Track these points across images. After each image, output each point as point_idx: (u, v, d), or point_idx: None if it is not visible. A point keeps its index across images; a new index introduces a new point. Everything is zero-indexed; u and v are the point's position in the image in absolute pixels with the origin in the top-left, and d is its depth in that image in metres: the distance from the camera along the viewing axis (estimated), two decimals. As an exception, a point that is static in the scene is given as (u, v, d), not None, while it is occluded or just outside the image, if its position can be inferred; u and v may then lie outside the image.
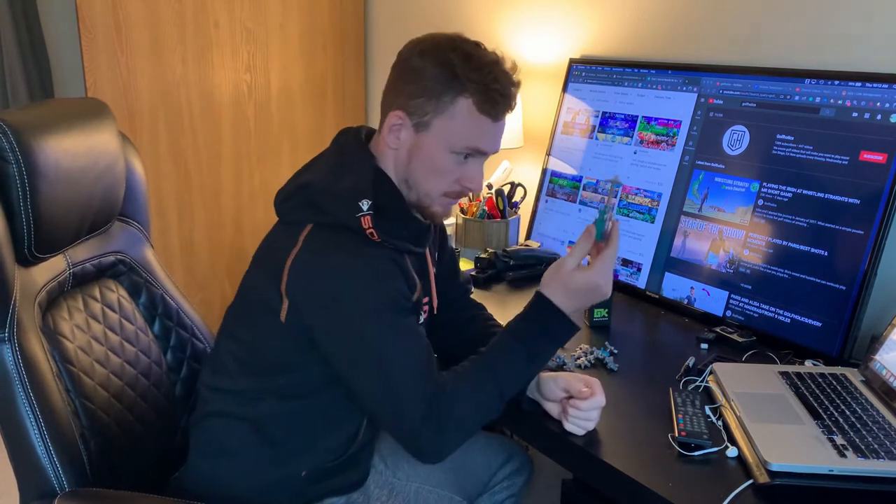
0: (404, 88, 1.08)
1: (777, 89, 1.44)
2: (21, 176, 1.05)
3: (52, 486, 1.06)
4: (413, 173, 1.10)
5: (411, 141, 1.08)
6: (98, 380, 1.18)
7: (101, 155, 1.20)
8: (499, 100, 1.06)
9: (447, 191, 1.10)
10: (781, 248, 1.39)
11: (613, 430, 1.06)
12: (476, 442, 1.34)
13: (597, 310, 1.43)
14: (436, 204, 1.12)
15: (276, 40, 2.43)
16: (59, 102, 1.24)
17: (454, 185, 1.10)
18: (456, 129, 1.06)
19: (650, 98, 1.67)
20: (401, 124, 1.08)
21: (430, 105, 1.05)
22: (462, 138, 1.06)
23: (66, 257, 1.20)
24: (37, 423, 1.05)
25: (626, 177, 1.69)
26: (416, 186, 1.10)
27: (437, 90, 1.05)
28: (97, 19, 2.10)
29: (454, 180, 1.10)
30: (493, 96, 1.05)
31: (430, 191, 1.10)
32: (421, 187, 1.10)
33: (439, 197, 1.11)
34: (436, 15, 2.33)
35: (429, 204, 1.12)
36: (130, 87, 2.20)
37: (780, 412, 1.05)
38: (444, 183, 1.09)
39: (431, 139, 1.07)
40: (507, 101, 1.07)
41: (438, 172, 1.08)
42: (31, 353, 1.06)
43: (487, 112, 1.06)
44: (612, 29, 1.81)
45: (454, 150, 1.07)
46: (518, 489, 1.37)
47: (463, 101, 1.05)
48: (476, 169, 1.11)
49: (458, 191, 1.11)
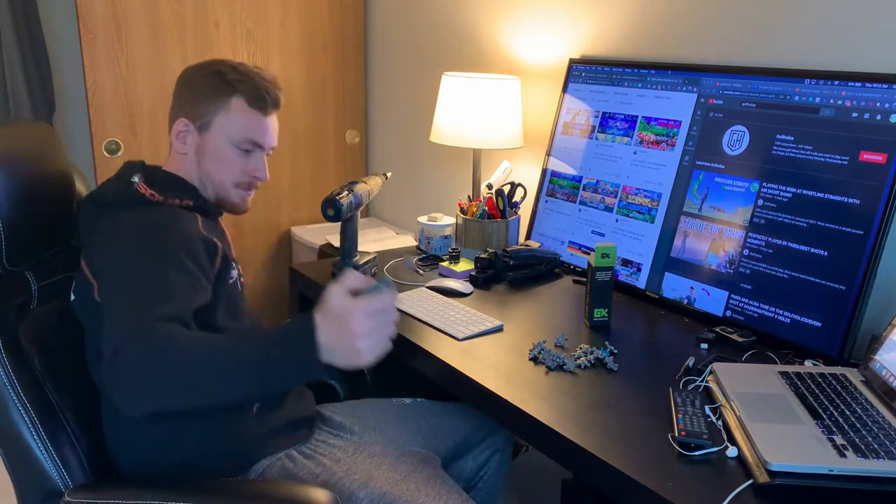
0: (184, 100, 1.27)
1: (777, 89, 1.44)
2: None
3: (55, 485, 1.08)
4: (204, 170, 1.27)
5: (197, 142, 1.27)
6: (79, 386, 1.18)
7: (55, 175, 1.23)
8: (265, 96, 1.27)
9: (237, 181, 1.29)
10: (781, 248, 1.39)
11: (613, 430, 1.06)
12: (441, 409, 1.47)
13: (597, 310, 1.43)
14: (231, 194, 1.30)
15: (276, 40, 2.43)
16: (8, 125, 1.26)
17: (243, 176, 1.29)
18: (233, 123, 1.25)
19: (650, 98, 1.67)
20: (186, 130, 1.26)
21: (210, 107, 1.25)
22: (239, 131, 1.26)
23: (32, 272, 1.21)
24: (32, 425, 1.07)
25: (627, 177, 1.69)
26: (209, 181, 1.28)
27: (213, 94, 1.25)
28: (97, 19, 2.10)
29: (241, 171, 1.28)
30: (261, 93, 1.26)
31: (222, 181, 1.28)
32: (214, 180, 1.28)
33: (233, 188, 1.29)
34: (436, 15, 2.34)
35: (225, 195, 1.30)
36: (130, 87, 2.21)
37: (780, 412, 1.05)
38: (232, 173, 1.28)
39: (214, 136, 1.26)
40: (272, 98, 1.28)
41: (225, 163, 1.27)
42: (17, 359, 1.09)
43: (258, 107, 1.27)
44: (612, 29, 1.81)
45: (234, 142, 1.26)
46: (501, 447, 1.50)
47: (236, 99, 1.25)
48: (259, 160, 1.30)
49: (248, 181, 1.30)
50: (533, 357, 1.29)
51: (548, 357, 1.27)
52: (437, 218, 1.90)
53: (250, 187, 1.33)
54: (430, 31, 2.38)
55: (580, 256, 1.76)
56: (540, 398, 1.15)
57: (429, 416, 1.44)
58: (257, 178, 1.32)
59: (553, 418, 1.09)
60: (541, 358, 1.28)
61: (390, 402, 1.46)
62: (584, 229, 1.77)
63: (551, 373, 1.24)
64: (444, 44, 2.33)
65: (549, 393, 1.17)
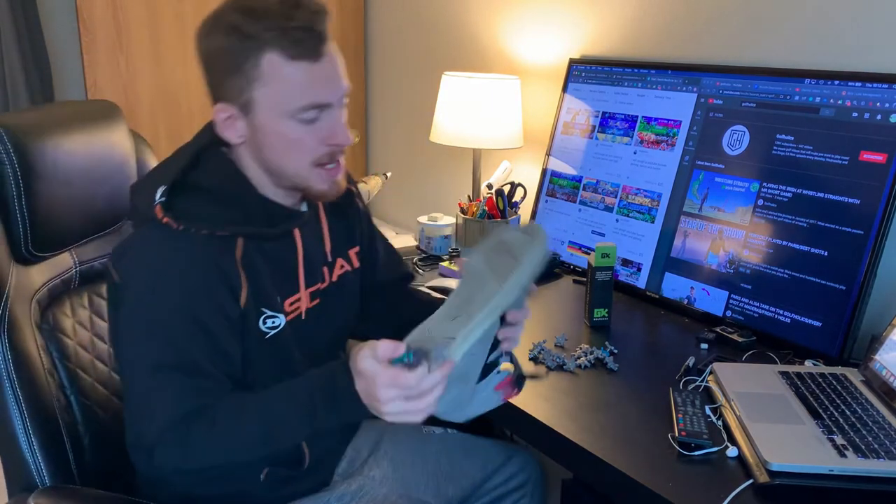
0: (212, 79, 0.97)
1: (777, 89, 1.44)
2: (16, 176, 1.06)
3: (33, 481, 1.07)
4: (270, 158, 0.98)
5: (247, 126, 0.97)
6: (97, 377, 1.18)
7: (106, 157, 1.21)
8: (301, 36, 0.91)
9: (314, 159, 0.98)
10: (781, 248, 1.39)
11: (613, 430, 1.06)
12: (469, 445, 1.29)
13: (597, 310, 1.43)
14: (312, 179, 0.99)
15: (276, 40, 2.43)
16: (66, 105, 1.26)
17: (319, 149, 0.97)
18: (278, 91, 0.93)
19: (650, 98, 1.67)
20: (230, 116, 0.97)
21: (240, 80, 0.93)
22: (291, 98, 0.93)
23: (73, 256, 1.21)
24: (21, 418, 1.06)
25: (627, 177, 1.69)
26: (280, 171, 0.99)
27: (236, 60, 0.92)
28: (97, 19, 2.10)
29: (314, 146, 0.97)
30: (294, 34, 0.91)
31: (297, 169, 0.98)
32: (286, 169, 0.98)
33: (311, 170, 0.98)
34: (436, 15, 2.34)
35: (306, 183, 1.00)
36: (130, 88, 2.21)
37: (780, 412, 1.05)
38: (303, 153, 0.97)
39: (264, 115, 0.95)
40: (314, 35, 0.92)
41: (290, 145, 0.96)
42: (22, 348, 1.07)
43: (299, 55, 0.91)
44: (612, 29, 1.81)
45: (290, 113, 0.94)
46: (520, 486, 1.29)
47: (266, 57, 0.91)
48: (332, 121, 0.97)
49: (327, 152, 0.98)
50: (533, 357, 1.29)
51: (548, 357, 1.27)
52: (437, 218, 1.90)
53: (333, 159, 0.99)
54: (430, 32, 2.37)
55: (580, 256, 1.76)
56: (540, 398, 1.15)
57: (453, 452, 1.27)
58: (337, 144, 0.98)
59: (553, 418, 1.09)
60: (541, 358, 1.28)
61: (419, 429, 1.31)
62: (584, 229, 1.77)
63: (551, 373, 1.24)
64: (444, 44, 2.33)
65: (549, 393, 1.17)
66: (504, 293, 0.85)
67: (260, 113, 0.95)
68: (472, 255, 0.93)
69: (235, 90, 0.94)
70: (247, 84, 0.93)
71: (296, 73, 0.92)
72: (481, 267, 0.91)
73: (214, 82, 0.97)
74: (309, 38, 0.92)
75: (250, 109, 0.95)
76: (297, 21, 0.91)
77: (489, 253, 0.93)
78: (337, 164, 1.01)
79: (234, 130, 0.98)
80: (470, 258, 0.93)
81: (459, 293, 0.91)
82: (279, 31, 0.91)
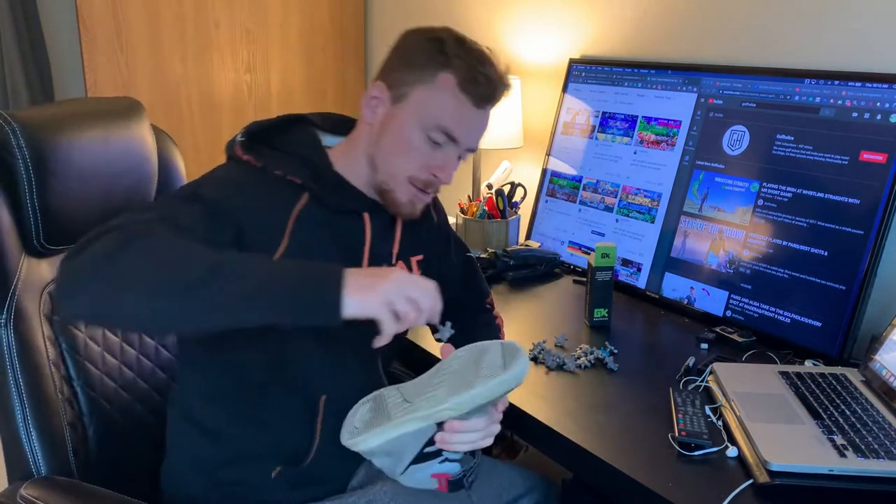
0: (390, 64, 1.06)
1: (777, 89, 1.44)
2: (28, 171, 1.06)
3: (30, 470, 1.08)
4: (381, 150, 1.03)
5: (386, 114, 1.04)
6: (106, 370, 1.19)
7: (126, 152, 1.21)
8: (483, 82, 1.00)
9: (413, 175, 1.03)
10: (781, 248, 1.39)
11: (613, 430, 1.06)
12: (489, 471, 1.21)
13: (597, 310, 1.43)
14: (399, 189, 1.04)
15: (276, 40, 2.43)
16: (87, 101, 1.26)
17: (422, 171, 1.03)
18: (433, 102, 1.00)
19: (650, 98, 1.67)
20: (379, 98, 1.04)
21: (412, 76, 1.01)
22: (436, 115, 1.00)
23: None
24: (22, 408, 1.07)
25: (627, 177, 1.69)
26: (382, 166, 1.04)
27: (421, 62, 1.01)
28: (97, 19, 2.10)
29: (422, 165, 1.02)
30: (478, 77, 1.00)
31: (395, 171, 1.03)
32: (387, 166, 1.03)
33: (404, 181, 1.03)
34: (436, 15, 2.34)
35: (392, 186, 1.04)
36: (130, 88, 2.20)
37: (780, 412, 1.05)
38: (410, 164, 1.02)
39: (406, 111, 1.02)
40: (491, 88, 1.02)
41: (406, 150, 1.02)
42: (27, 338, 1.08)
43: (469, 92, 1.00)
44: (612, 29, 1.81)
45: (426, 127, 1.01)
46: None
47: (445, 75, 1.00)
48: (447, 157, 1.03)
49: (425, 179, 1.03)
50: (533, 357, 1.29)
51: (548, 357, 1.27)
52: (437, 218, 1.90)
53: (427, 188, 1.05)
54: (430, 31, 2.38)
55: (580, 256, 1.76)
56: (540, 398, 1.15)
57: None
58: (438, 178, 1.04)
59: (553, 418, 1.09)
60: (541, 358, 1.28)
61: None
62: (584, 229, 1.77)
63: (551, 373, 1.24)
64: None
65: (549, 393, 1.17)
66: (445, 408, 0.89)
67: (404, 109, 1.02)
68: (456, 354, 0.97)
69: (401, 80, 1.02)
70: (414, 81, 1.01)
71: (454, 101, 1.01)
72: (454, 367, 0.94)
73: (390, 66, 1.05)
74: (486, 88, 1.01)
75: (399, 101, 1.02)
76: (487, 72, 1.01)
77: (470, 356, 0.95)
78: (426, 194, 1.06)
79: (372, 111, 1.05)
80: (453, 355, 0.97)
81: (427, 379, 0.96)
82: (470, 66, 1.00)
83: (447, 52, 1.01)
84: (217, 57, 2.28)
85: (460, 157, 1.06)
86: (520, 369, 0.89)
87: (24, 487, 1.04)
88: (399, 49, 1.06)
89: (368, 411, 0.97)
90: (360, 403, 0.99)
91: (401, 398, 0.95)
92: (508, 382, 0.89)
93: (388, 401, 0.96)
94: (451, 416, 0.90)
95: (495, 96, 1.04)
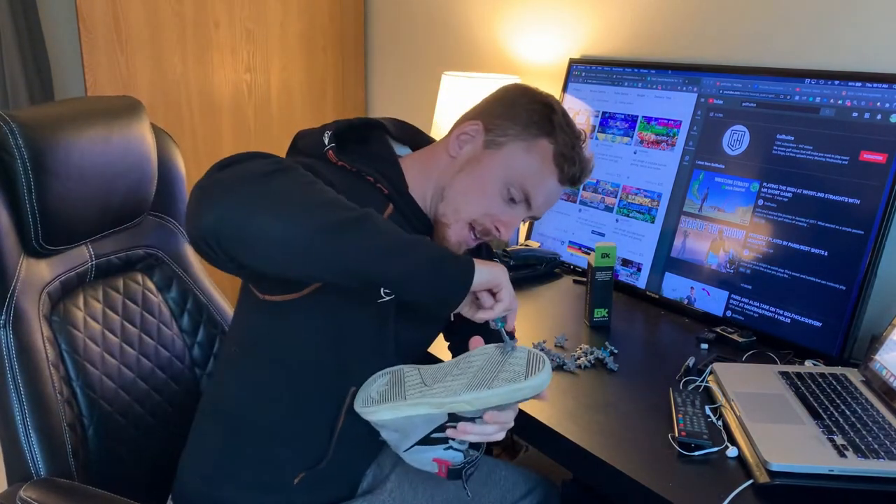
0: (492, 108, 1.07)
1: (777, 89, 1.44)
2: (26, 171, 1.06)
3: (29, 471, 1.07)
4: (455, 185, 1.04)
5: (474, 154, 1.05)
6: (105, 370, 1.19)
7: (125, 152, 1.22)
8: (576, 163, 1.05)
9: (474, 220, 1.04)
10: (781, 248, 1.39)
11: (613, 430, 1.06)
12: (491, 472, 1.24)
13: (597, 310, 1.43)
14: (455, 227, 1.04)
15: (276, 40, 2.43)
16: (86, 100, 1.26)
17: (485, 219, 1.04)
18: (525, 162, 1.03)
19: (650, 98, 1.67)
20: (472, 137, 1.05)
21: (515, 129, 1.04)
22: (524, 174, 1.03)
23: (89, 249, 1.22)
24: (20, 409, 1.06)
25: (627, 177, 1.69)
26: (450, 200, 1.04)
27: (528, 121, 1.04)
28: (97, 19, 2.10)
29: (486, 212, 1.03)
30: (574, 157, 1.04)
31: (461, 209, 1.04)
32: (455, 202, 1.04)
33: (464, 223, 1.04)
34: (436, 15, 2.34)
35: (448, 222, 1.04)
36: (130, 87, 2.20)
37: (780, 412, 1.05)
38: (475, 209, 1.03)
39: (496, 160, 1.03)
40: (580, 170, 1.06)
41: (480, 194, 1.03)
42: (26, 339, 1.08)
43: (560, 166, 1.04)
44: (612, 29, 1.81)
45: (510, 182, 1.03)
46: None
47: (546, 142, 1.03)
48: (514, 217, 1.05)
49: (484, 228, 1.04)
50: (533, 357, 1.29)
51: (548, 357, 1.27)
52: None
53: (483, 235, 1.05)
54: (429, 31, 2.37)
55: (580, 256, 1.76)
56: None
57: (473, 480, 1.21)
58: (494, 230, 1.04)
59: (553, 418, 1.09)
60: (541, 358, 1.28)
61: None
62: (584, 229, 1.77)
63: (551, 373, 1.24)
64: (443, 43, 2.33)
65: (549, 393, 1.17)
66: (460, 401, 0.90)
67: (495, 156, 1.04)
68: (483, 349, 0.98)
69: (500, 129, 1.04)
70: (513, 136, 1.04)
71: (546, 170, 1.04)
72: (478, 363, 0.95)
73: (490, 111, 1.07)
74: (576, 169, 1.05)
75: (491, 147, 1.04)
76: (581, 155, 1.06)
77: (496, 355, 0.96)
78: (476, 241, 1.07)
79: (461, 145, 1.06)
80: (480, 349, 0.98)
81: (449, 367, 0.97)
82: (570, 144, 1.04)
83: (554, 122, 1.04)
84: (217, 57, 2.28)
85: (524, 219, 1.08)
86: (540, 381, 0.90)
87: (23, 489, 1.03)
88: (504, 100, 1.07)
89: (386, 384, 0.98)
90: (378, 374, 1.00)
91: (419, 379, 0.96)
92: (525, 391, 0.90)
93: (406, 379, 0.97)
94: (464, 409, 0.90)
95: (579, 180, 1.07)
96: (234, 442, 1.06)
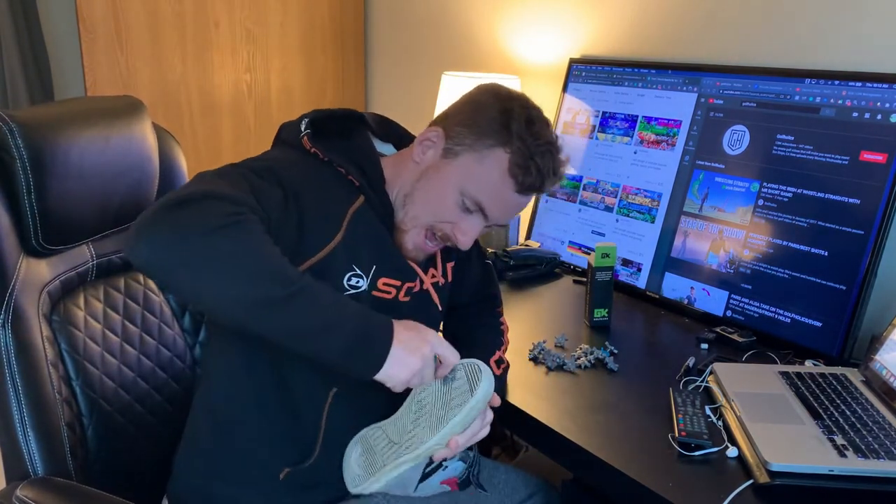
0: (457, 113, 1.06)
1: (777, 89, 1.44)
2: (26, 171, 1.06)
3: (27, 470, 1.07)
4: (415, 192, 1.05)
5: (433, 161, 1.05)
6: (105, 370, 1.19)
7: (126, 152, 1.22)
8: (533, 173, 1.00)
9: (432, 226, 1.04)
10: (781, 248, 1.39)
11: (613, 430, 1.06)
12: (491, 475, 1.23)
13: (597, 310, 1.43)
14: (412, 232, 1.05)
15: (276, 40, 2.43)
16: (87, 100, 1.26)
17: (443, 226, 1.04)
18: (477, 173, 1.01)
19: (650, 98, 1.67)
20: (433, 143, 1.05)
21: (470, 139, 1.02)
22: (477, 187, 1.01)
23: (90, 249, 1.22)
24: (19, 408, 1.06)
25: (627, 177, 1.69)
26: (409, 207, 1.05)
27: (486, 129, 1.01)
28: (97, 19, 2.10)
29: (444, 221, 1.04)
30: (531, 167, 1.00)
31: (418, 215, 1.04)
32: (413, 208, 1.05)
33: (420, 228, 1.05)
34: (436, 15, 2.34)
35: (406, 228, 1.05)
36: (130, 87, 2.20)
37: (780, 412, 1.05)
38: (433, 216, 1.04)
39: (450, 169, 1.03)
40: (539, 179, 1.02)
41: (436, 204, 1.03)
42: (25, 338, 1.08)
43: (516, 178, 1.01)
44: (612, 29, 1.81)
45: (464, 192, 1.02)
46: None
47: (501, 152, 1.01)
48: (472, 226, 1.04)
49: (444, 234, 1.05)
50: (533, 357, 1.29)
51: (548, 357, 1.27)
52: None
53: (441, 241, 1.06)
54: (429, 31, 2.37)
55: (580, 256, 1.76)
56: (540, 398, 1.15)
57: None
58: (455, 240, 1.05)
59: (553, 418, 1.09)
60: (541, 358, 1.28)
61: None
62: (584, 229, 1.77)
63: (551, 373, 1.24)
64: (443, 43, 2.33)
65: (549, 393, 1.17)
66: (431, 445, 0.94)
67: (449, 166, 1.03)
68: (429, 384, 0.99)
69: (458, 137, 1.03)
70: (468, 146, 1.02)
71: (498, 182, 1.01)
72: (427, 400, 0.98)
73: (454, 117, 1.06)
74: (534, 179, 1.01)
75: (448, 156, 1.03)
76: (542, 162, 1.01)
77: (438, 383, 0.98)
78: (433, 247, 1.07)
79: (423, 151, 1.06)
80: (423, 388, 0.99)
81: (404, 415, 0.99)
82: (527, 154, 1.00)
83: (512, 130, 1.00)
84: (217, 57, 2.28)
85: (487, 226, 1.07)
86: (484, 390, 0.93)
87: (20, 488, 1.03)
88: (470, 103, 1.06)
89: (361, 455, 1.01)
90: (349, 446, 1.03)
91: (387, 440, 0.99)
92: (479, 404, 0.94)
93: (375, 445, 1.00)
94: (439, 447, 0.94)
95: (541, 188, 1.04)
96: (222, 437, 1.08)
